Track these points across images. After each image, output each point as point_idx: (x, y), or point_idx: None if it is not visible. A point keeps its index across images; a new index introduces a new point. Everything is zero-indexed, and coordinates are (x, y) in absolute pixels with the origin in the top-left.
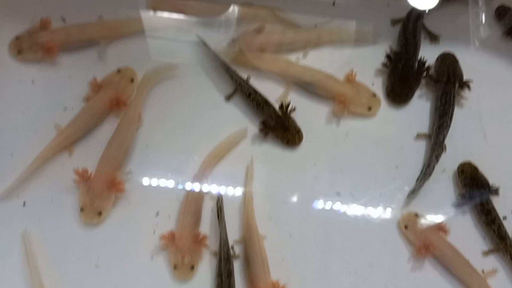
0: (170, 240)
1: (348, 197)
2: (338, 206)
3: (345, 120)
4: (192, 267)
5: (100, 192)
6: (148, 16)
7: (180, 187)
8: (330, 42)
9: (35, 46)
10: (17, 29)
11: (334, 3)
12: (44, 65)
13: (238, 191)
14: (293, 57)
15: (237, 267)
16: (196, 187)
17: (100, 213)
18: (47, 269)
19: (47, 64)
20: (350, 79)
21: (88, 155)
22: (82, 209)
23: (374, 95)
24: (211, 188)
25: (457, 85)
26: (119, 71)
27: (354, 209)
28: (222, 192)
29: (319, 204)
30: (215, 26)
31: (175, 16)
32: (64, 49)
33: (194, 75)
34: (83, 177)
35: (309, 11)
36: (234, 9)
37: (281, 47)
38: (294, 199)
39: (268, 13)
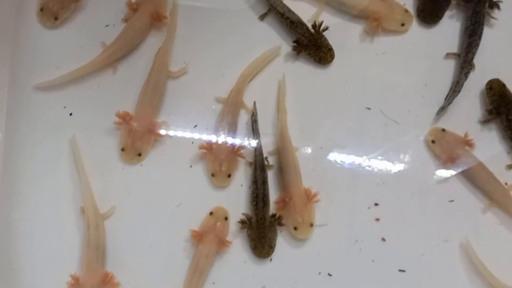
0: (208, 149)
1: (378, 112)
2: (368, 121)
3: (376, 39)
4: (229, 175)
5: (141, 135)
6: None
7: (217, 102)
8: None
9: None
10: None
11: None
12: None
13: (271, 106)
14: None
15: (270, 176)
16: (232, 102)
17: (140, 154)
18: (94, 174)
19: None
20: None
21: (132, 73)
22: (123, 149)
23: (406, 10)
24: (247, 103)
25: (487, 5)
26: None
27: (383, 124)
28: (257, 107)
29: (349, 118)
30: None
31: None
32: None
33: None
34: (125, 119)
35: None
36: None
37: None
38: (325, 114)
39: None
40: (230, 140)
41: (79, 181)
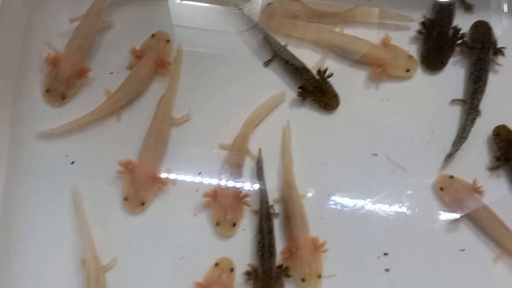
0: (213, 197)
1: (384, 159)
2: (375, 168)
3: (381, 85)
4: (234, 224)
5: (144, 184)
6: None
7: (221, 149)
8: (364, 21)
9: None
10: None
11: None
12: None
13: (276, 153)
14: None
15: (276, 224)
16: (237, 148)
17: (143, 203)
18: (95, 224)
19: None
20: (386, 43)
21: (136, 120)
22: (125, 199)
23: (410, 56)
24: (251, 149)
25: (491, 52)
26: (153, 35)
27: (390, 171)
28: (262, 153)
29: (356, 165)
30: None
31: None
32: None
33: (231, 43)
34: (128, 168)
35: None
36: None
37: (314, 18)
38: (331, 160)
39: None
40: (235, 188)
41: (80, 232)
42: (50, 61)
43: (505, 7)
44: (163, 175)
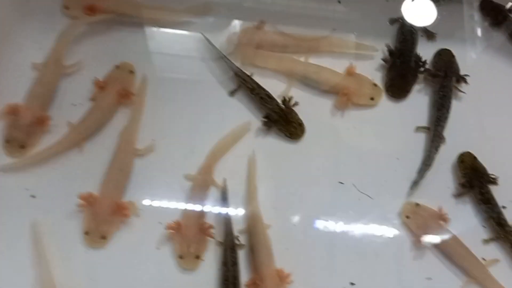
0: (176, 229)
1: (351, 188)
2: (342, 196)
3: (347, 113)
4: (198, 256)
5: (105, 217)
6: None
7: (185, 180)
8: (329, 51)
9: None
10: None
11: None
12: None
13: (242, 182)
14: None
15: (241, 256)
16: (202, 179)
17: (104, 237)
18: (55, 259)
19: None
20: (351, 72)
21: (98, 152)
22: (86, 233)
23: (375, 85)
24: (216, 180)
25: (454, 79)
26: (117, 66)
27: (357, 199)
28: (227, 184)
29: (322, 194)
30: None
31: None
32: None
33: (197, 71)
34: (88, 201)
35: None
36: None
37: (279, 47)
38: (297, 190)
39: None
40: (199, 219)
41: (39, 268)
42: (9, 110)
43: (468, 35)
44: (125, 207)
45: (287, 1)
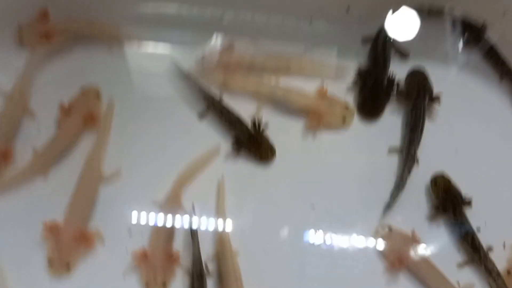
0: (142, 257)
1: (323, 211)
2: (313, 221)
3: (318, 135)
4: (164, 285)
5: (69, 245)
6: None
7: (153, 205)
8: (300, 72)
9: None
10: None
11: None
12: None
13: (211, 208)
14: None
15: (211, 284)
16: (169, 205)
17: (68, 266)
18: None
19: None
20: (322, 93)
21: (63, 178)
22: (50, 262)
23: (347, 107)
24: (185, 205)
25: (427, 100)
26: (82, 91)
27: (328, 224)
28: (195, 209)
29: (293, 219)
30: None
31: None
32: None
33: (165, 93)
34: (52, 231)
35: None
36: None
37: (249, 69)
38: (268, 214)
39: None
40: (166, 247)
41: None
42: None
43: (442, 55)
44: (90, 237)
45: (265, 18)
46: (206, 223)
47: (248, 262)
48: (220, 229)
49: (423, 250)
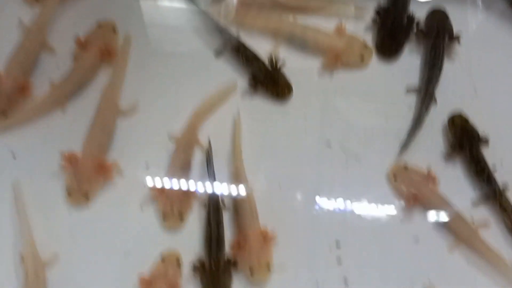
0: (159, 189)
1: (338, 150)
2: (328, 158)
3: (336, 74)
4: (182, 217)
5: (88, 177)
6: None
7: (170, 140)
8: (319, 11)
9: None
10: None
11: None
12: None
13: (227, 144)
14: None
15: (226, 216)
16: (186, 140)
17: (87, 197)
18: (38, 219)
19: None
20: (341, 31)
21: (81, 112)
22: (69, 193)
23: (365, 45)
24: (201, 140)
25: (446, 39)
26: (99, 25)
27: (343, 161)
28: (211, 144)
29: (309, 156)
30: None
31: None
32: None
33: (183, 31)
34: (71, 162)
35: None
36: None
37: (268, 7)
38: (283, 151)
39: None
40: (183, 180)
41: (20, 227)
42: None
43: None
44: (108, 168)
45: None
46: (222, 158)
47: (263, 197)
48: (236, 164)
49: (438, 188)
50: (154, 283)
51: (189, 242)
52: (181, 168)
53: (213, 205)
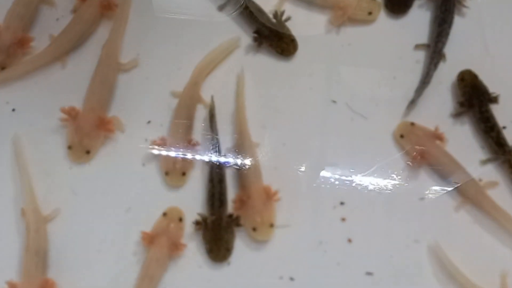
0: (161, 146)
1: (344, 107)
2: (333, 116)
3: (342, 29)
4: (184, 173)
5: (89, 131)
6: None
7: (172, 96)
8: None
9: None
10: None
11: None
12: None
13: (231, 100)
14: None
15: (229, 173)
16: (188, 96)
17: (88, 152)
18: (38, 174)
19: None
20: None
21: (81, 66)
22: (69, 147)
23: None
24: (204, 97)
25: None
26: None
27: (349, 118)
28: (215, 101)
29: (314, 113)
30: None
31: None
32: None
33: None
34: (71, 115)
35: None
36: None
37: None
38: (288, 109)
39: None
40: (185, 136)
41: (20, 181)
42: None
43: None
44: (110, 122)
45: None
46: (225, 115)
47: (267, 154)
48: (239, 120)
49: (446, 146)
50: (156, 238)
51: (191, 200)
52: (184, 124)
53: (216, 163)
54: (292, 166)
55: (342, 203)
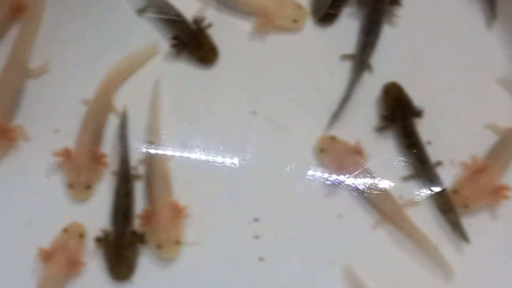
0: (65, 156)
1: (265, 119)
2: (253, 128)
3: (267, 38)
4: (89, 186)
5: None
6: None
7: (82, 104)
8: None
9: None
10: None
11: None
12: None
13: (145, 111)
14: None
15: (140, 186)
16: (98, 104)
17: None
18: None
19: None
20: None
21: None
22: None
23: (299, 6)
24: (117, 106)
25: (387, 3)
26: None
27: (271, 132)
28: (129, 110)
29: (233, 124)
30: None
31: None
32: None
33: None
34: None
35: None
36: None
37: None
38: (206, 119)
39: None
40: (92, 147)
41: None
42: None
43: None
44: (12, 130)
45: None
46: (138, 126)
47: (180, 168)
48: (152, 131)
49: (367, 162)
50: (54, 255)
51: (97, 214)
52: (92, 134)
53: (122, 173)
54: (206, 180)
55: (256, 220)
